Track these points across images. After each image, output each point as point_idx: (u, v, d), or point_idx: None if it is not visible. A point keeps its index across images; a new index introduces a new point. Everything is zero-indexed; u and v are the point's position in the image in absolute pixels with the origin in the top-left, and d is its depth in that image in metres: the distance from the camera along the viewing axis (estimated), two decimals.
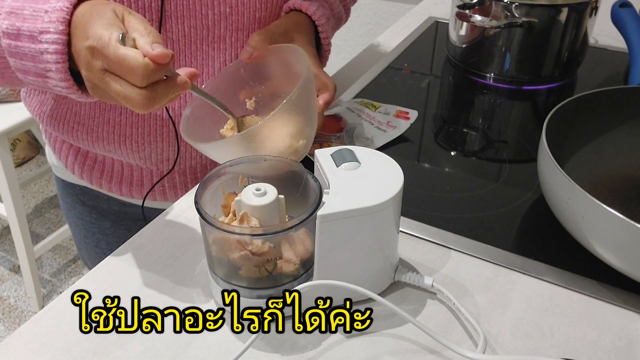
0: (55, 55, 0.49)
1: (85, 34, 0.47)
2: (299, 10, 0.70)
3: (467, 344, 0.46)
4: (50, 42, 0.49)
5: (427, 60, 0.97)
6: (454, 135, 0.77)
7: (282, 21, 0.68)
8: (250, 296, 0.46)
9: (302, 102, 0.56)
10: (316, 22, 0.71)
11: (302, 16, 0.70)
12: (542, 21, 0.81)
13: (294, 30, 0.68)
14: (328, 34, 0.72)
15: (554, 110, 0.59)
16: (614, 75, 0.91)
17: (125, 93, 0.45)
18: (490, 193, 0.64)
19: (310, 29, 0.71)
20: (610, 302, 0.50)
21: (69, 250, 2.04)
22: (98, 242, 0.84)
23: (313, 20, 0.71)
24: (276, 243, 0.45)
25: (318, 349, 0.46)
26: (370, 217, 0.45)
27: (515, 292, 0.51)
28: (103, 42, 0.45)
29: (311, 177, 0.47)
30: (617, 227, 0.46)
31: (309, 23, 0.70)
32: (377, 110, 0.78)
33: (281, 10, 0.70)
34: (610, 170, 0.64)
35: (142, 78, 0.44)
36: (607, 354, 0.46)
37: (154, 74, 0.45)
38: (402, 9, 1.82)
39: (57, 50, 0.49)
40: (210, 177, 0.48)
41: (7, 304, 1.84)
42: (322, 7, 0.72)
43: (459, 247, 0.56)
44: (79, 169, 0.77)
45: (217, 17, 0.65)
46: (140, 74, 0.44)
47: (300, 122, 0.57)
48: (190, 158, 0.73)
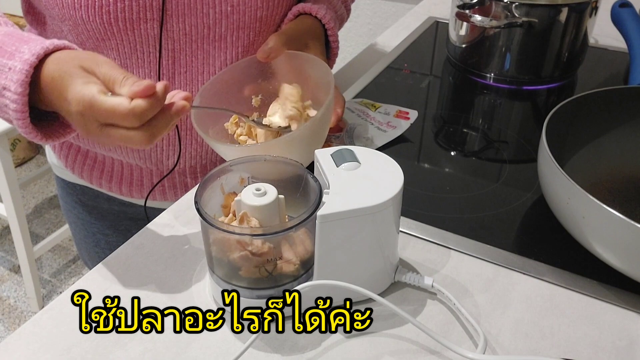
0: (15, 112, 0.50)
1: (64, 98, 0.48)
2: (309, 14, 0.70)
3: (467, 344, 0.46)
4: (11, 100, 0.50)
5: (427, 60, 0.97)
6: (454, 135, 0.77)
7: (297, 25, 0.69)
8: (250, 296, 0.46)
9: (325, 120, 0.58)
10: (326, 25, 0.71)
11: (314, 20, 0.70)
12: (542, 21, 0.81)
13: (308, 35, 0.68)
14: (337, 38, 0.73)
15: (554, 110, 0.59)
16: (614, 75, 0.91)
17: (126, 137, 0.46)
18: (490, 193, 0.64)
19: (322, 34, 0.71)
20: (610, 302, 0.50)
21: (68, 251, 2.04)
22: (98, 241, 0.84)
23: (323, 23, 0.71)
24: (276, 243, 0.45)
25: (318, 349, 0.46)
26: (370, 217, 0.45)
27: (515, 292, 0.51)
28: (88, 102, 0.46)
29: (311, 177, 0.47)
30: (617, 227, 0.46)
31: (320, 28, 0.71)
32: (377, 110, 0.78)
33: (282, 9, 0.70)
34: (610, 170, 0.64)
35: (135, 120, 0.45)
36: (607, 354, 0.46)
37: (146, 112, 0.45)
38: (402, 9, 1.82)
39: (16, 109, 0.50)
40: (210, 177, 0.48)
41: (7, 304, 1.84)
42: (329, 10, 0.72)
43: (459, 247, 0.56)
44: (79, 169, 0.77)
45: (218, 16, 0.65)
46: (132, 118, 0.45)
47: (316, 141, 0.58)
48: (191, 158, 0.73)
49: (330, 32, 0.72)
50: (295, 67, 0.65)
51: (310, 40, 0.68)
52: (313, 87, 0.64)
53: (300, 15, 0.70)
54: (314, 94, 0.64)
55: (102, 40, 0.63)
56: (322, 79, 0.62)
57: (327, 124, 0.60)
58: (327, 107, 0.57)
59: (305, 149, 0.58)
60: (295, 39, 0.66)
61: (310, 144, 0.58)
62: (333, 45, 0.73)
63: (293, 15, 0.70)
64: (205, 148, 0.72)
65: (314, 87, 0.64)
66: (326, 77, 0.61)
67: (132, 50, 0.64)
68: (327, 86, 0.60)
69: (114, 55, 0.65)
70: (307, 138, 0.57)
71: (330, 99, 0.57)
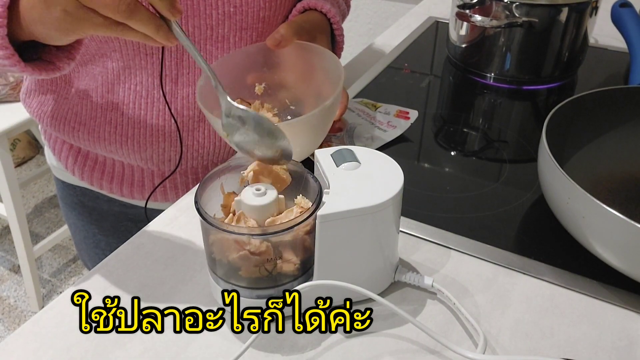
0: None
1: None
2: (314, 9, 0.70)
3: (467, 344, 0.46)
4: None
5: (427, 60, 0.97)
6: (454, 135, 0.77)
7: (307, 18, 0.68)
8: (250, 296, 0.46)
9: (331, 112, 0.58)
10: (332, 20, 0.71)
11: (321, 16, 0.70)
12: (542, 21, 0.81)
13: (317, 30, 0.68)
14: (342, 32, 0.73)
15: (554, 110, 0.59)
16: (614, 75, 0.91)
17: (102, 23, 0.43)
18: (490, 193, 0.64)
19: (329, 29, 0.71)
20: (610, 302, 0.50)
21: (68, 250, 2.04)
22: (98, 242, 0.84)
23: (328, 18, 0.71)
24: (275, 243, 0.45)
25: (318, 349, 0.46)
26: (370, 217, 0.45)
27: (515, 292, 0.51)
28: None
29: (311, 177, 0.47)
30: (617, 227, 0.46)
31: (326, 23, 0.71)
32: (377, 110, 0.78)
33: (285, 10, 0.70)
34: (610, 170, 0.64)
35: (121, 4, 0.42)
36: (607, 354, 0.46)
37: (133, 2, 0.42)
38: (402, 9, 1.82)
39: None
40: (210, 177, 0.48)
41: (7, 304, 1.84)
42: (333, 5, 0.72)
43: (459, 247, 0.56)
44: (79, 170, 0.77)
45: (220, 17, 0.65)
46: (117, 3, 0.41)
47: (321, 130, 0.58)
48: (192, 158, 0.73)
49: (336, 26, 0.72)
50: (304, 58, 0.65)
51: (319, 34, 0.68)
52: (319, 80, 0.64)
53: (307, 11, 0.70)
54: (320, 87, 0.64)
55: (105, 42, 0.63)
56: (332, 72, 0.61)
57: (334, 114, 0.60)
58: (337, 97, 0.56)
59: (308, 137, 0.57)
60: (305, 30, 0.66)
61: (316, 133, 0.57)
62: (339, 39, 0.73)
63: (298, 12, 0.70)
64: (207, 148, 0.72)
65: (320, 80, 0.64)
66: (336, 70, 0.60)
67: (135, 52, 0.64)
68: (336, 79, 0.59)
69: (117, 57, 0.65)
70: (314, 125, 0.56)
71: (340, 90, 0.56)
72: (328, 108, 0.56)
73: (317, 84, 0.64)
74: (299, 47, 0.65)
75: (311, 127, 0.57)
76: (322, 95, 0.63)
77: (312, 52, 0.64)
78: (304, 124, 0.55)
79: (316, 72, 0.64)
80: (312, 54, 0.64)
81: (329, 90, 0.60)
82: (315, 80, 0.64)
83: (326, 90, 0.62)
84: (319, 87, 0.64)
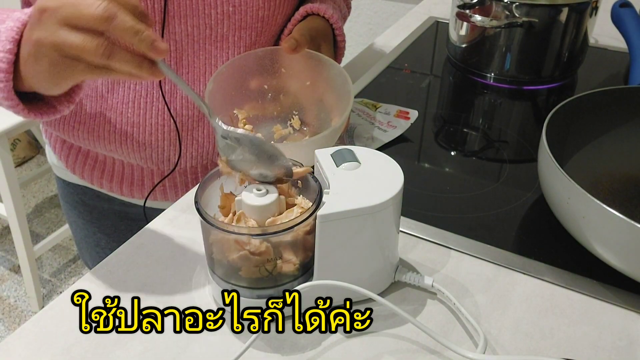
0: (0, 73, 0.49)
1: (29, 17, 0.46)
2: (317, 14, 0.70)
3: (467, 344, 0.46)
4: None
5: (427, 60, 0.97)
6: (454, 135, 0.77)
7: (312, 25, 0.68)
8: (250, 296, 0.46)
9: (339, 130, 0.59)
10: (334, 25, 0.71)
11: (323, 21, 0.70)
12: (542, 21, 0.81)
13: (321, 37, 0.69)
14: (344, 37, 0.73)
15: (554, 110, 0.59)
16: (614, 75, 0.91)
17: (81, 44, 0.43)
18: (490, 193, 0.64)
19: (331, 34, 0.72)
20: (610, 302, 0.50)
21: (69, 250, 2.04)
22: (98, 241, 0.84)
23: (331, 23, 0.71)
24: (275, 243, 0.45)
25: (318, 349, 0.46)
26: (370, 217, 0.45)
27: (515, 292, 0.51)
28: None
29: (311, 177, 0.48)
30: (617, 227, 0.46)
31: (329, 28, 0.71)
32: (378, 110, 0.78)
33: (284, 9, 0.70)
34: (610, 170, 0.64)
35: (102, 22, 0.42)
36: (607, 354, 0.46)
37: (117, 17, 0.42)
38: (402, 9, 1.82)
39: (1, 69, 0.49)
40: (210, 177, 0.48)
41: (7, 303, 1.84)
42: (335, 10, 0.72)
43: (459, 247, 0.56)
44: (80, 169, 0.77)
45: (220, 17, 0.65)
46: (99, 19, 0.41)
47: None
48: (191, 158, 0.73)
49: (338, 32, 0.72)
50: (310, 66, 0.65)
51: (323, 42, 0.68)
52: (323, 89, 0.64)
53: (309, 16, 0.70)
54: (323, 96, 0.64)
55: None
56: (338, 85, 0.62)
57: (340, 131, 0.61)
58: (346, 118, 0.58)
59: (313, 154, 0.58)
60: (312, 38, 0.67)
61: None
62: (341, 45, 0.73)
63: (300, 16, 0.70)
64: (206, 148, 0.72)
65: (323, 90, 0.64)
66: (345, 85, 0.61)
67: None
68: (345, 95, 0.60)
69: None
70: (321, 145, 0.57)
71: (349, 111, 0.58)
72: (337, 129, 0.56)
73: (319, 92, 0.65)
74: (305, 56, 0.65)
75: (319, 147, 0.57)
76: (324, 104, 0.63)
77: (319, 62, 0.65)
78: (314, 144, 0.56)
79: (320, 82, 0.65)
80: (320, 63, 0.65)
81: (332, 99, 0.60)
82: (318, 89, 0.65)
83: (328, 99, 0.62)
84: (322, 96, 0.64)
